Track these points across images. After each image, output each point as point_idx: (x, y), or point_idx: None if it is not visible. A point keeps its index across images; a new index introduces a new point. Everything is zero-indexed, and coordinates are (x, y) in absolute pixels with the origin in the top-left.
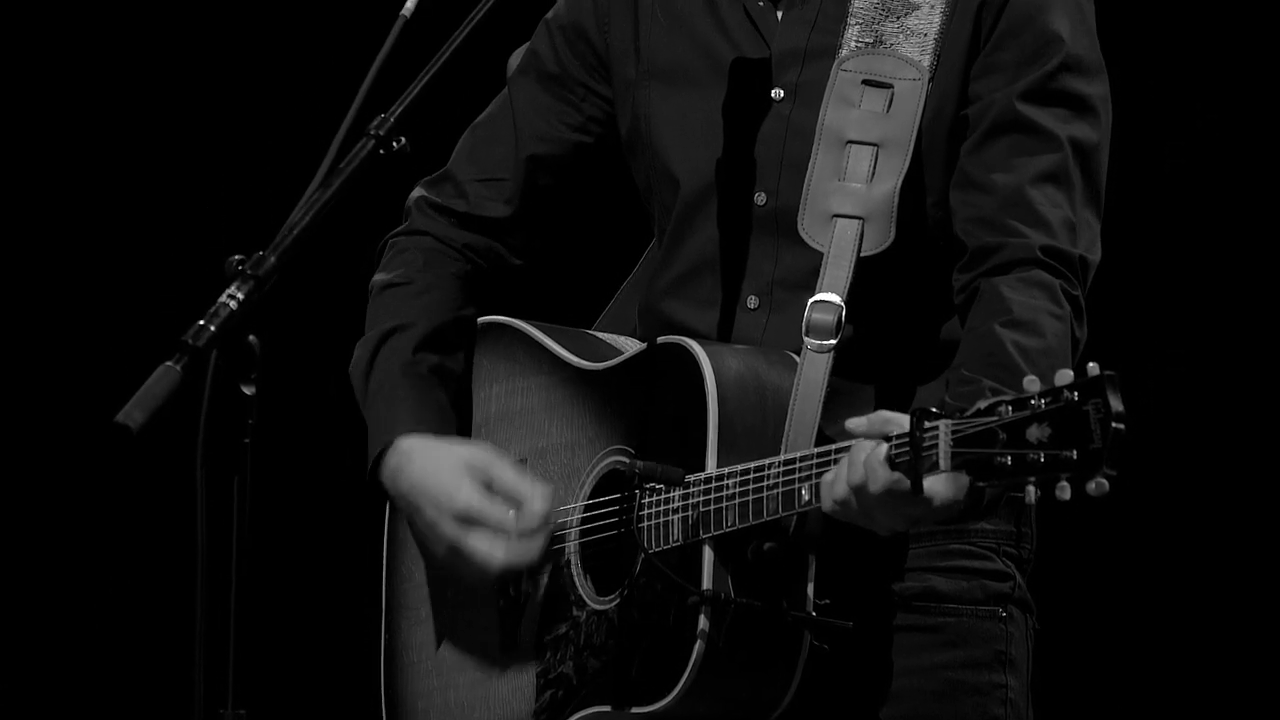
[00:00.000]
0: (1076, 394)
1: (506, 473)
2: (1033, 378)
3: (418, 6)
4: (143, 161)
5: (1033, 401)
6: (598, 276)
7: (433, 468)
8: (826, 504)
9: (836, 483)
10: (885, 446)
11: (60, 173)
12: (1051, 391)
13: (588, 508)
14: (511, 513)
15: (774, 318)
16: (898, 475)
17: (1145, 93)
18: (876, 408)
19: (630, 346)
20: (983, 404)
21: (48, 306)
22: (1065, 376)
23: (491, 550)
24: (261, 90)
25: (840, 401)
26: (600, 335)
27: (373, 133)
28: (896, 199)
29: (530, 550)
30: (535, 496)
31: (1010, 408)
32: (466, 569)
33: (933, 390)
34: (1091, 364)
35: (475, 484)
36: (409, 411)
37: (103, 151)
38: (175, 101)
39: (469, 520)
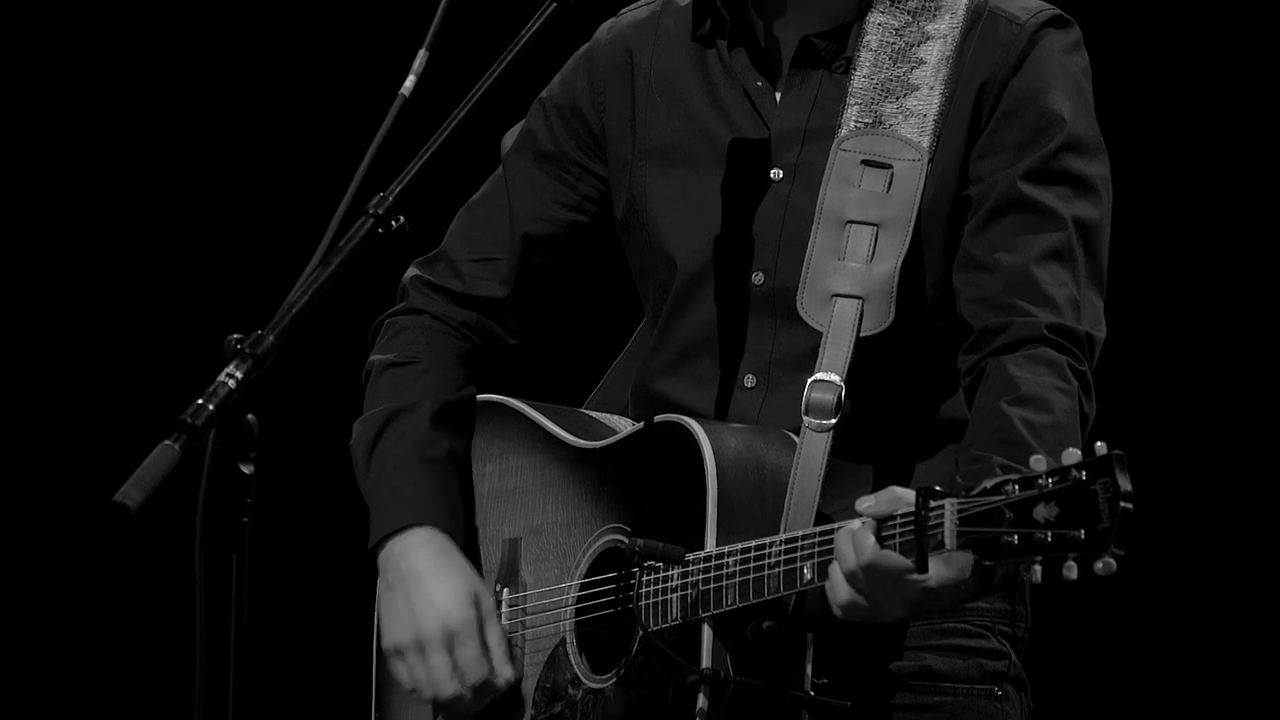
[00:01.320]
0: (1084, 473)
1: (495, 633)
2: (1040, 456)
3: (416, 85)
4: (143, 240)
5: (1040, 480)
6: (587, 355)
7: (448, 571)
8: (833, 595)
9: (840, 560)
10: (874, 525)
11: (61, 251)
12: (1059, 470)
13: (583, 586)
14: (477, 671)
15: (771, 397)
16: (899, 555)
17: (1145, 92)
18: (875, 487)
19: (624, 425)
20: (989, 483)
21: (47, 384)
22: (1073, 456)
23: (443, 680)
24: (259, 168)
25: (839, 481)
26: (593, 414)
27: (372, 211)
28: (896, 279)
29: (465, 706)
30: (504, 673)
31: (1017, 486)
32: (414, 669)
33: (931, 468)
34: (1099, 443)
35: (477, 615)
36: (424, 499)
37: (103, 230)
38: (174, 179)
39: (449, 641)
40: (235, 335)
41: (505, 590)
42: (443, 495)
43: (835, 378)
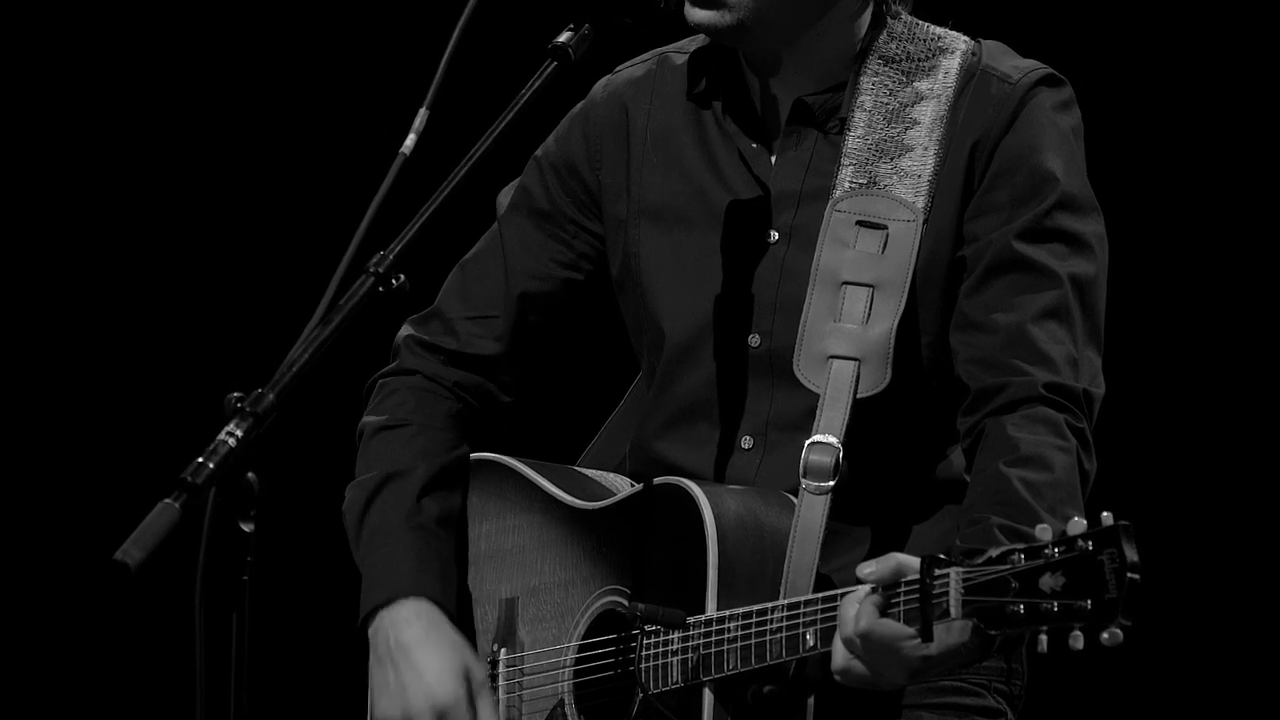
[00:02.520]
0: (1090, 543)
1: (488, 708)
2: (1045, 525)
3: (417, 144)
4: (144, 299)
5: (1046, 550)
6: (579, 411)
7: (437, 645)
8: (834, 661)
9: (841, 626)
10: (877, 593)
11: (62, 308)
12: (1065, 540)
13: (582, 647)
14: None
15: (768, 458)
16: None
17: (1144, 92)
18: (872, 549)
19: (621, 485)
20: (994, 552)
21: (49, 442)
22: (1078, 526)
23: None
24: (260, 226)
25: (836, 542)
26: (589, 473)
27: (372, 269)
28: (893, 340)
29: None
30: None
31: (1023, 555)
32: None
33: (928, 529)
34: (1105, 513)
35: (466, 691)
36: (411, 570)
37: (105, 287)
38: (177, 238)
39: (440, 716)
40: (235, 394)
41: (503, 650)
42: (434, 563)
43: (833, 440)
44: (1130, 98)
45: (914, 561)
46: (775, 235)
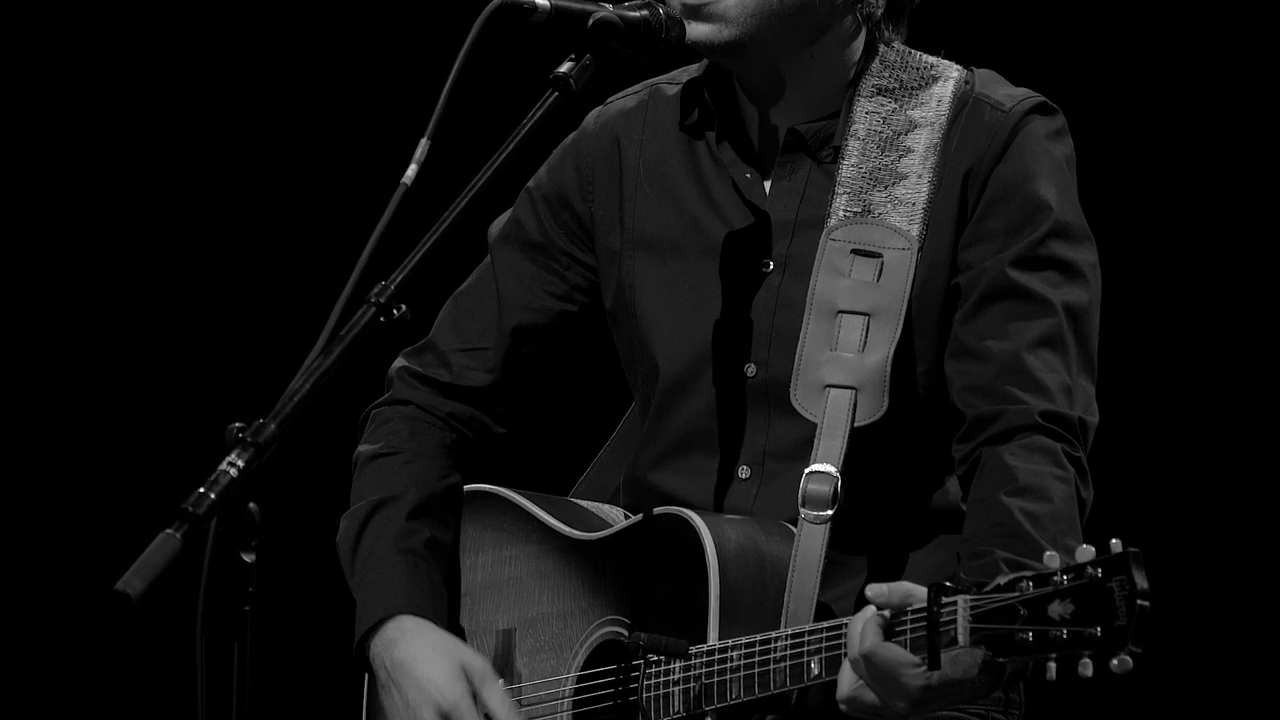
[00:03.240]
0: (1100, 570)
1: (495, 694)
2: (1053, 553)
3: (418, 175)
4: (145, 330)
5: (1055, 578)
6: (571, 442)
7: (429, 654)
8: (839, 687)
9: (847, 647)
10: (881, 615)
11: (64, 339)
12: (1074, 568)
13: (581, 678)
14: None
15: (765, 488)
16: (902, 649)
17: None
18: (870, 576)
19: (616, 516)
20: (1002, 579)
21: (50, 474)
22: (1087, 553)
23: None
24: (261, 257)
25: (834, 570)
26: (585, 504)
27: (373, 300)
28: (889, 368)
29: None
30: None
31: (1031, 583)
32: None
33: (925, 557)
34: (1114, 540)
35: (467, 689)
36: (402, 589)
37: (106, 320)
38: (178, 269)
39: (449, 718)
40: (237, 424)
41: (500, 681)
42: (422, 581)
43: (831, 469)
44: (1118, 125)
45: (923, 590)
46: (770, 264)
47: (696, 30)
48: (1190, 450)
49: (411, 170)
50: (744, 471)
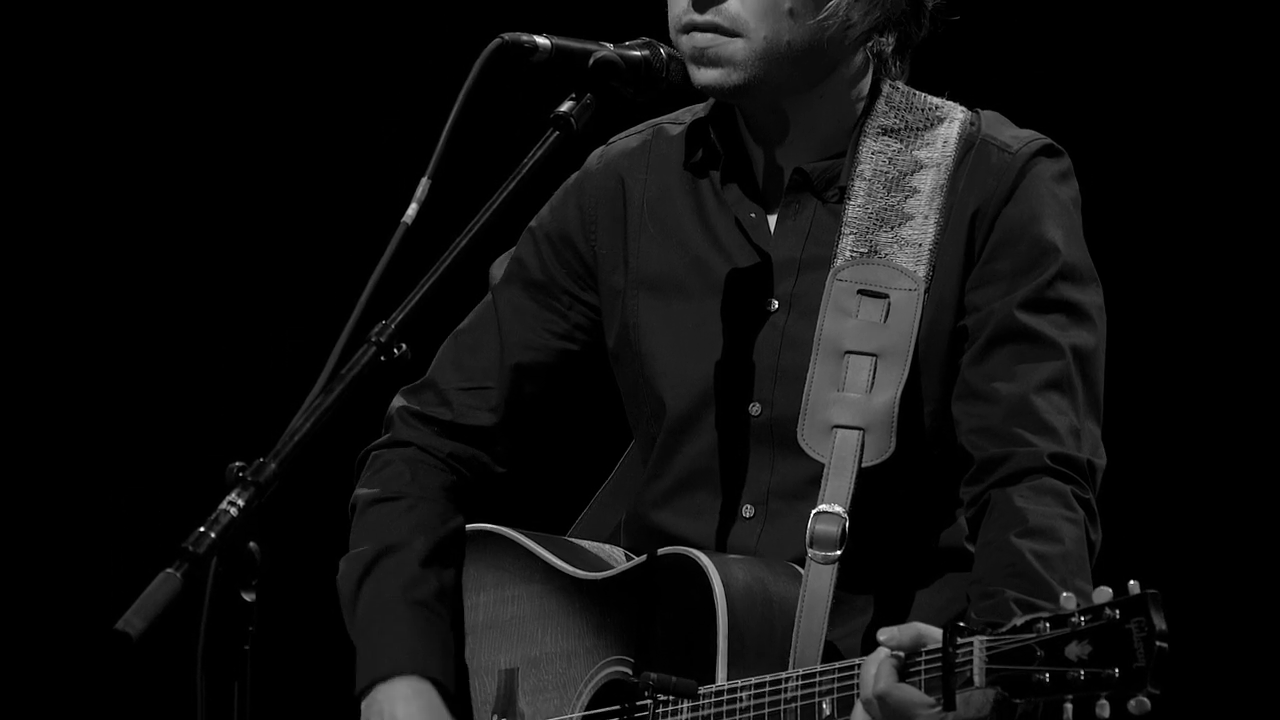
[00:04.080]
0: (1118, 612)
1: None
2: (1069, 594)
3: (418, 214)
4: (146, 369)
5: (1073, 619)
6: (567, 481)
7: None
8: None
9: (860, 688)
10: (896, 656)
11: (65, 378)
12: (1092, 609)
13: (586, 718)
14: None
15: (769, 527)
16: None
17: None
18: (877, 616)
19: (618, 555)
20: (1019, 620)
21: (51, 513)
22: (1105, 594)
23: None
24: (261, 295)
25: (840, 610)
26: (585, 544)
27: (374, 339)
28: (896, 409)
29: None
30: None
31: (1049, 624)
32: None
33: (931, 596)
34: (1133, 582)
35: None
36: (412, 647)
37: (107, 358)
38: (179, 308)
39: None
40: (237, 463)
41: None
42: (433, 639)
43: (839, 509)
44: (1120, 166)
45: (936, 632)
46: (775, 304)
47: (705, 75)
48: (1191, 485)
49: (412, 209)
50: (748, 511)
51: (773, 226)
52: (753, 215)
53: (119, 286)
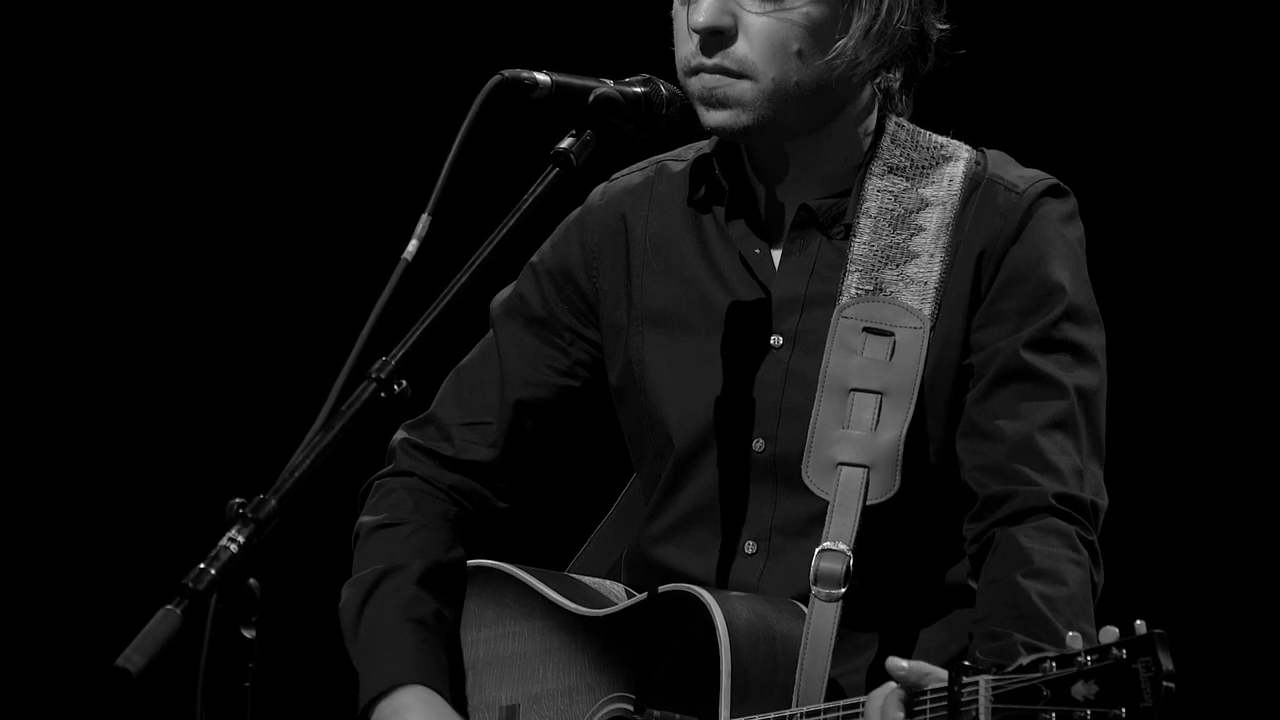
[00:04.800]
0: (1125, 651)
1: None
2: (1075, 634)
3: (419, 250)
4: (146, 406)
5: (1079, 659)
6: (567, 518)
7: None
8: None
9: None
10: (904, 694)
11: (66, 413)
12: (1099, 649)
13: None
14: None
15: (771, 564)
16: None
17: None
18: (880, 653)
19: (619, 592)
20: (1024, 660)
21: (51, 550)
22: (1111, 634)
23: None
24: (262, 333)
25: (844, 646)
26: (586, 580)
27: (374, 376)
28: (901, 447)
29: None
30: None
31: (1055, 664)
32: None
33: (935, 633)
34: (1139, 622)
35: None
36: (410, 659)
37: (108, 396)
38: (179, 346)
39: None
40: (237, 499)
41: None
42: (431, 653)
43: (843, 547)
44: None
45: (941, 671)
46: (779, 340)
47: (714, 117)
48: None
49: (413, 246)
50: (750, 547)
51: (777, 262)
52: (757, 251)
53: (122, 323)
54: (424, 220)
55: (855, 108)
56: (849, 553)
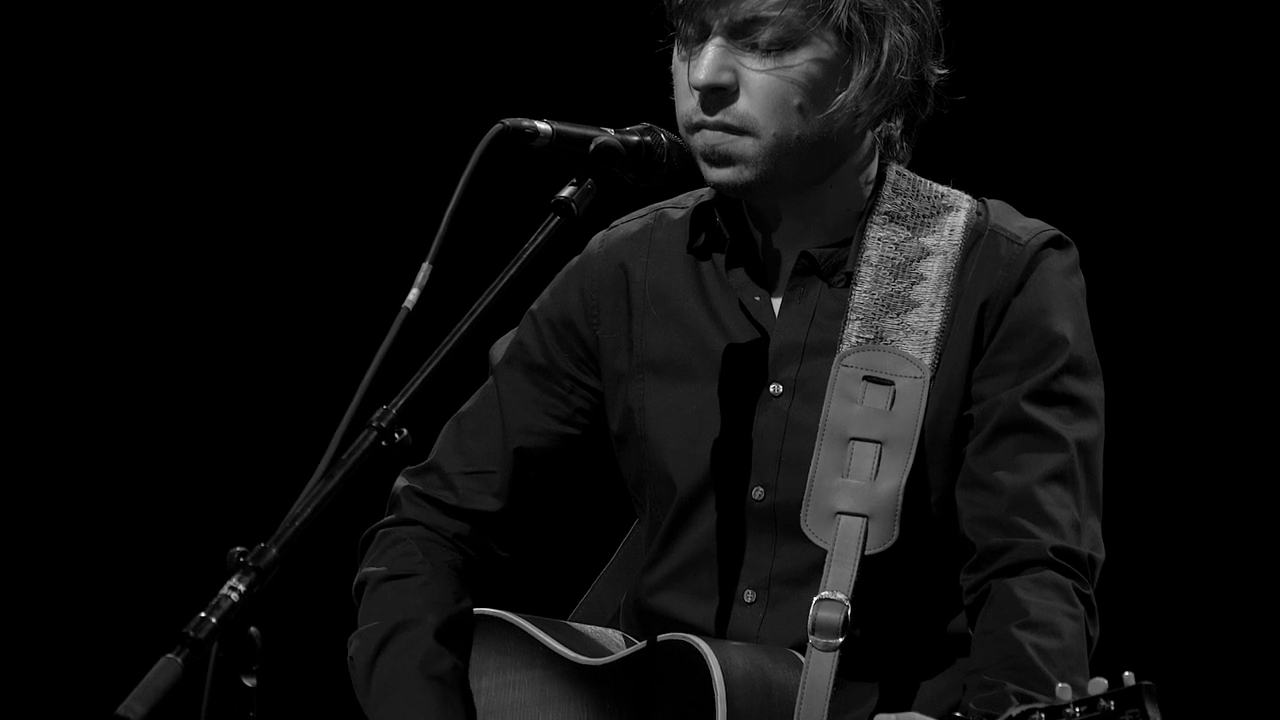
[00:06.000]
0: (1113, 703)
1: None
2: (1065, 685)
3: (419, 299)
4: (146, 455)
5: (1068, 709)
6: (568, 564)
7: None
8: None
9: None
10: None
11: (64, 468)
12: (1087, 700)
13: None
14: None
15: (771, 613)
16: None
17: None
18: (879, 703)
19: (618, 640)
20: (1014, 711)
21: (51, 600)
22: (1100, 685)
23: None
24: (263, 381)
25: (842, 697)
26: (587, 629)
27: (374, 424)
28: (900, 497)
29: None
30: None
31: (1044, 714)
32: None
33: (936, 686)
34: (1127, 673)
35: None
36: (434, 717)
37: (108, 446)
38: (180, 393)
39: None
40: (238, 548)
41: None
42: (451, 712)
43: (841, 596)
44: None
45: None
46: (779, 388)
47: (717, 174)
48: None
49: (413, 294)
50: (749, 596)
51: (777, 310)
52: (757, 298)
53: (127, 375)
54: (425, 269)
55: (856, 157)
56: (847, 602)
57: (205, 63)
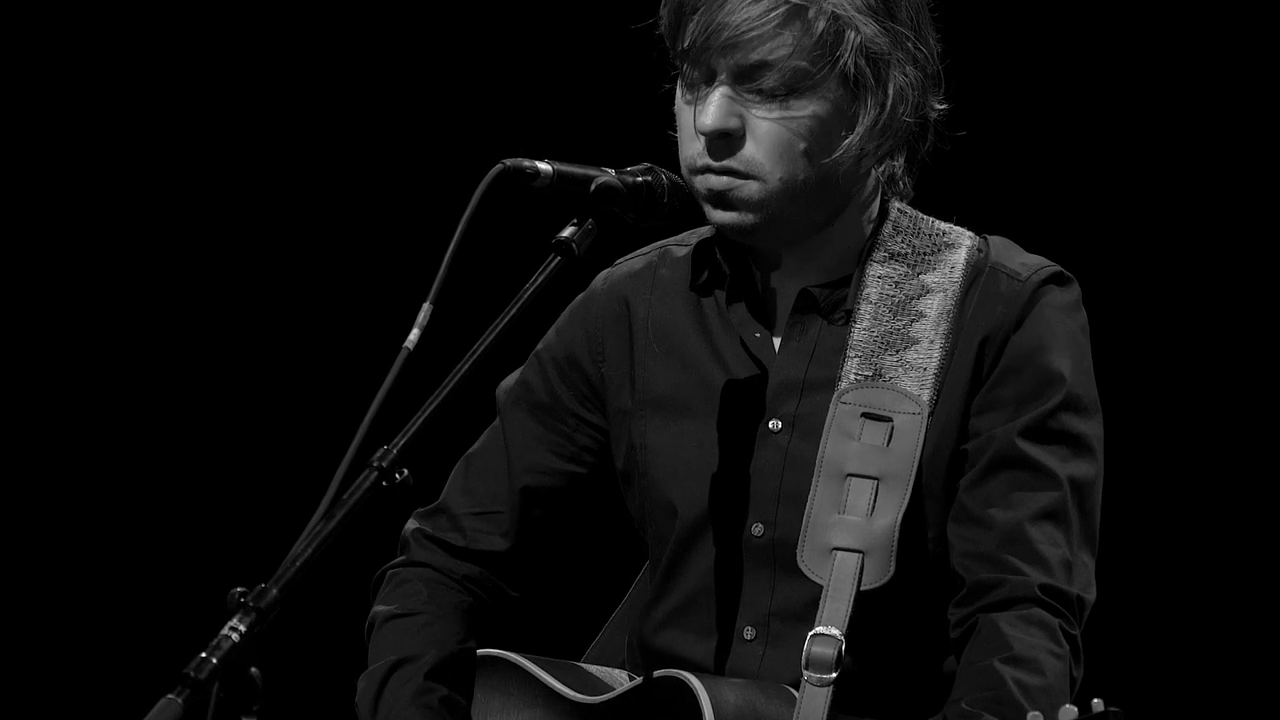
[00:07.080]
0: None
1: None
2: (1036, 713)
3: (420, 339)
4: (147, 498)
5: None
6: (586, 604)
7: None
8: None
9: None
10: None
11: (64, 509)
12: None
13: None
14: None
15: (770, 649)
16: None
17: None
18: None
19: (622, 679)
20: None
21: (52, 641)
22: (1070, 713)
23: None
24: (263, 422)
25: None
26: (592, 668)
27: (375, 464)
28: (897, 533)
29: None
30: None
31: None
32: None
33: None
34: (1096, 700)
35: None
36: None
37: (107, 487)
38: (181, 436)
39: None
40: (239, 588)
41: None
42: None
43: (835, 632)
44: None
45: None
46: (778, 424)
47: (722, 217)
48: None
49: (414, 334)
50: (749, 632)
51: (777, 346)
52: (758, 335)
53: (127, 412)
54: (426, 309)
55: (860, 196)
56: (841, 638)
57: (208, 110)
